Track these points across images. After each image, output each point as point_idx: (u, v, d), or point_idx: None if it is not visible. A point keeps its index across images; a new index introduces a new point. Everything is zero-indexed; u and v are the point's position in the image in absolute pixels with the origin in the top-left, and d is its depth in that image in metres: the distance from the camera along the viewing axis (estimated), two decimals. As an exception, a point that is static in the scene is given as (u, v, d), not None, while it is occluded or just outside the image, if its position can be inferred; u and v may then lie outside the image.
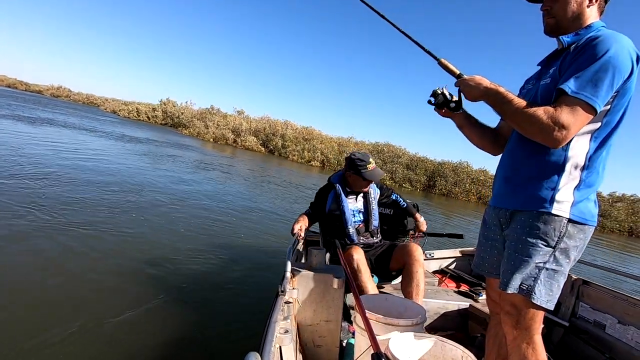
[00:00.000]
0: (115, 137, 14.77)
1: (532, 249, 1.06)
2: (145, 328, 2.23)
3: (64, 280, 2.62)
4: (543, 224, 1.06)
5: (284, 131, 27.43)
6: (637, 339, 1.86)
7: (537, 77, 1.22)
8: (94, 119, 24.57)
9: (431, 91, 1.32)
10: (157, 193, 5.96)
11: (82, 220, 3.85)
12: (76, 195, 4.80)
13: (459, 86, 1.22)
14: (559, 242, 1.05)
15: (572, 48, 1.09)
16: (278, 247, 4.39)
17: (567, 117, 0.98)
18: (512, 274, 1.08)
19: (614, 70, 0.98)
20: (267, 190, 9.23)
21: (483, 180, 23.98)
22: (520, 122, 1.05)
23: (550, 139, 1.00)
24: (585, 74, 0.98)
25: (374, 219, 2.36)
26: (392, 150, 26.85)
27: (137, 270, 3.00)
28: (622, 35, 1.02)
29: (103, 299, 2.48)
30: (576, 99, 0.98)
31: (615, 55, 0.98)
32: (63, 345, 1.93)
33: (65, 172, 6.00)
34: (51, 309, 2.25)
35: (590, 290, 2.16)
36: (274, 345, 0.93)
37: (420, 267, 2.03)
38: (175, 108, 39.05)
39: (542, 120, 0.99)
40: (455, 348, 1.26)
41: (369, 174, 2.26)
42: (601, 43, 1.00)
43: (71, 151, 8.38)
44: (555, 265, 1.06)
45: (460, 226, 10.09)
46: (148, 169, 8.27)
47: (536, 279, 1.05)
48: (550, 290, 1.06)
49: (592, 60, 0.99)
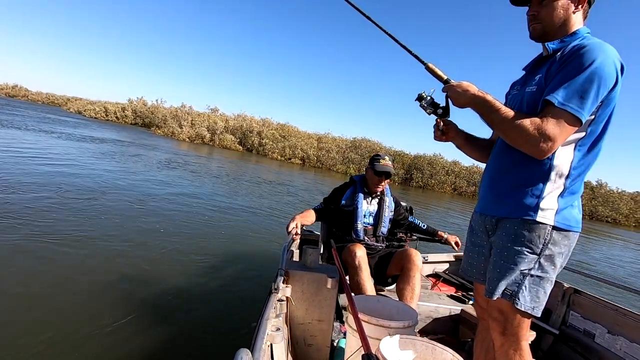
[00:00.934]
0: (83, 139, 14.06)
1: (517, 256, 1.07)
2: (136, 326, 2.24)
3: (56, 288, 2.56)
4: (528, 232, 1.07)
5: (260, 128, 27.17)
6: (626, 349, 1.86)
7: (523, 82, 1.22)
8: (58, 120, 23.28)
9: (417, 95, 1.27)
10: (140, 196, 5.81)
11: (73, 228, 3.71)
12: (52, 202, 4.57)
13: (446, 92, 1.21)
14: (544, 249, 1.06)
15: (557, 55, 1.08)
16: (272, 245, 4.36)
17: (552, 128, 0.98)
18: (498, 282, 1.08)
19: (600, 81, 0.98)
20: (256, 189, 9.15)
21: (457, 172, 24.82)
22: (507, 132, 1.05)
23: (537, 150, 1.01)
24: (572, 85, 0.99)
25: (383, 225, 2.37)
26: (369, 145, 27.19)
27: (127, 273, 2.95)
28: (607, 44, 1.02)
29: (94, 302, 2.46)
30: (562, 111, 0.98)
31: (601, 66, 0.98)
32: (63, 345, 1.95)
33: (35, 179, 5.70)
34: (47, 311, 2.24)
35: (581, 299, 2.17)
36: (265, 343, 0.93)
37: (417, 272, 2.05)
38: (146, 107, 37.67)
39: (528, 131, 1.00)
40: (445, 352, 1.27)
41: (380, 167, 2.30)
42: (587, 53, 1.00)
43: (35, 156, 7.88)
44: (540, 272, 1.06)
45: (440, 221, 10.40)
46: (121, 172, 7.93)
47: (520, 284, 1.06)
48: (536, 296, 1.06)
49: (578, 70, 0.99)
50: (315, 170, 22.05)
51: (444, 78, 1.22)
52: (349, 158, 24.65)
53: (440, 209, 13.25)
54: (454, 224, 9.82)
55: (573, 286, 2.25)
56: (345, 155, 24.99)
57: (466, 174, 24.65)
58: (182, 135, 26.46)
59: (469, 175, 24.47)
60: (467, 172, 24.76)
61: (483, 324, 1.34)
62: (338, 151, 25.43)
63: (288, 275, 1.51)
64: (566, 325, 2.20)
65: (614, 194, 26.02)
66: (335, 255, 1.83)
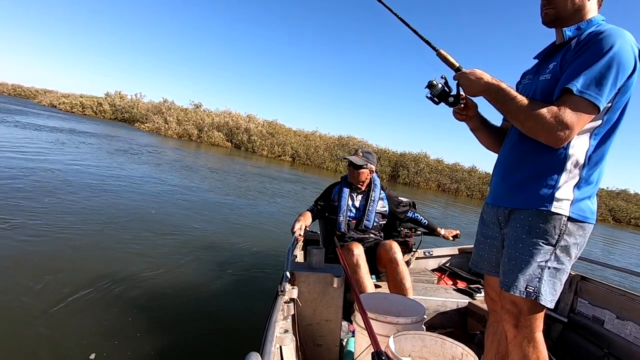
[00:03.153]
0: (65, 133, 13.38)
1: (532, 248, 1.05)
2: (145, 329, 2.22)
3: (57, 284, 2.54)
4: (543, 223, 1.05)
5: (247, 125, 27.01)
6: (636, 334, 1.86)
7: (535, 71, 1.21)
8: (32, 113, 21.99)
9: (427, 82, 1.22)
10: (145, 196, 5.71)
11: (85, 223, 3.76)
12: (68, 199, 4.58)
13: (457, 79, 1.18)
14: (559, 240, 1.04)
15: (573, 42, 1.06)
16: (277, 247, 4.33)
17: (570, 116, 0.96)
18: (515, 275, 1.06)
19: (618, 67, 0.96)
20: (261, 192, 9.07)
21: (440, 169, 25.91)
22: (523, 121, 1.03)
23: (553, 138, 0.99)
24: (590, 72, 0.96)
25: (367, 219, 2.40)
26: (356, 143, 27.69)
27: (134, 274, 2.93)
28: (625, 30, 1.00)
29: (99, 303, 2.43)
30: (580, 98, 0.96)
31: (620, 52, 0.96)
32: (62, 345, 1.94)
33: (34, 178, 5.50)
34: (51, 306, 2.24)
35: (589, 286, 2.17)
36: (274, 345, 0.93)
37: (398, 265, 2.04)
38: (125, 101, 36.36)
39: (545, 119, 0.98)
40: (456, 345, 1.26)
41: (353, 160, 2.41)
42: (606, 39, 0.97)
43: (15, 154, 7.21)
44: (557, 264, 1.05)
45: (426, 212, 11.10)
46: (109, 170, 7.55)
47: (540, 279, 1.04)
48: (553, 289, 1.06)
49: (597, 57, 0.97)
50: (305, 168, 22.30)
51: (456, 65, 1.19)
52: (337, 155, 25.10)
53: (426, 203, 14.01)
54: (438, 215, 10.52)
55: (580, 273, 2.25)
56: (333, 153, 25.43)
57: (449, 171, 25.79)
58: (170, 132, 25.91)
59: (451, 173, 25.62)
60: (450, 170, 25.92)
61: (494, 316, 1.33)
62: (326, 149, 25.83)
63: (294, 277, 1.52)
64: (574, 313, 2.20)
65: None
66: (340, 255, 1.86)
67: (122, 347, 2.01)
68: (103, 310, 2.34)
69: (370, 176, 2.52)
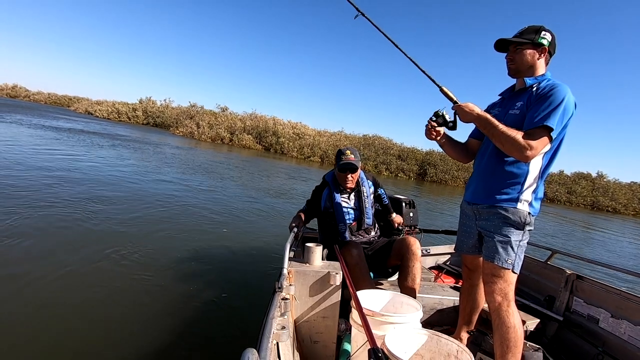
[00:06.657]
0: (112, 140, 14.25)
1: (508, 231, 1.47)
2: (143, 325, 2.25)
3: (62, 285, 2.59)
4: (513, 215, 1.46)
5: (274, 127, 27.59)
6: (630, 333, 1.89)
7: (502, 105, 1.61)
8: (72, 120, 22.76)
9: (433, 112, 1.61)
10: (169, 197, 5.90)
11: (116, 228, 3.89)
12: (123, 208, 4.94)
13: (455, 110, 1.55)
14: (525, 225, 1.47)
15: (533, 89, 1.46)
16: (275, 244, 4.34)
17: (537, 142, 1.36)
18: (498, 251, 1.46)
19: (566, 111, 1.38)
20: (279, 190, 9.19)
21: (467, 167, 25.88)
22: (504, 142, 1.40)
23: (524, 156, 1.38)
24: (554, 114, 1.36)
25: (366, 216, 2.30)
26: (381, 142, 27.98)
27: (135, 269, 3.00)
28: (567, 85, 1.41)
29: (100, 299, 2.48)
30: (545, 130, 1.36)
31: (569, 101, 1.38)
32: (62, 346, 1.97)
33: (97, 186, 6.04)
34: (54, 309, 2.27)
35: (584, 285, 2.19)
36: (271, 342, 0.94)
37: (417, 261, 2.03)
38: (156, 107, 37.90)
39: (520, 143, 1.36)
40: (451, 342, 1.30)
41: (343, 163, 2.24)
42: (560, 91, 1.38)
43: (77, 161, 7.84)
44: (524, 242, 1.49)
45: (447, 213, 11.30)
46: (164, 175, 7.95)
47: (516, 255, 1.46)
48: (520, 259, 1.48)
49: (555, 103, 1.37)
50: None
51: (454, 99, 1.57)
52: (364, 155, 25.44)
53: (454, 201, 13.99)
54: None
55: (576, 272, 2.27)
56: (360, 153, 25.70)
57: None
58: (204, 136, 26.83)
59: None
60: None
61: (469, 282, 1.80)
62: (353, 149, 26.16)
63: (291, 274, 1.52)
64: (570, 311, 2.21)
65: (611, 184, 27.67)
66: (338, 252, 1.87)
67: (118, 342, 2.06)
68: (102, 309, 2.38)
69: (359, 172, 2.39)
